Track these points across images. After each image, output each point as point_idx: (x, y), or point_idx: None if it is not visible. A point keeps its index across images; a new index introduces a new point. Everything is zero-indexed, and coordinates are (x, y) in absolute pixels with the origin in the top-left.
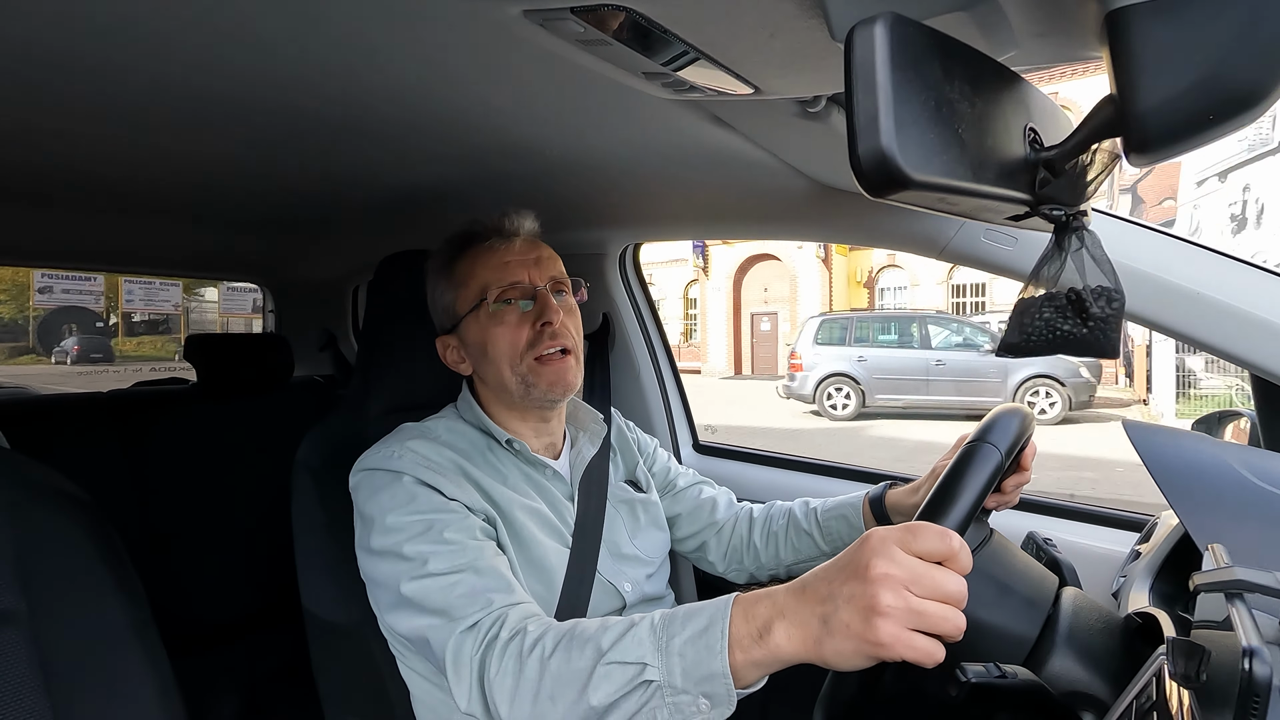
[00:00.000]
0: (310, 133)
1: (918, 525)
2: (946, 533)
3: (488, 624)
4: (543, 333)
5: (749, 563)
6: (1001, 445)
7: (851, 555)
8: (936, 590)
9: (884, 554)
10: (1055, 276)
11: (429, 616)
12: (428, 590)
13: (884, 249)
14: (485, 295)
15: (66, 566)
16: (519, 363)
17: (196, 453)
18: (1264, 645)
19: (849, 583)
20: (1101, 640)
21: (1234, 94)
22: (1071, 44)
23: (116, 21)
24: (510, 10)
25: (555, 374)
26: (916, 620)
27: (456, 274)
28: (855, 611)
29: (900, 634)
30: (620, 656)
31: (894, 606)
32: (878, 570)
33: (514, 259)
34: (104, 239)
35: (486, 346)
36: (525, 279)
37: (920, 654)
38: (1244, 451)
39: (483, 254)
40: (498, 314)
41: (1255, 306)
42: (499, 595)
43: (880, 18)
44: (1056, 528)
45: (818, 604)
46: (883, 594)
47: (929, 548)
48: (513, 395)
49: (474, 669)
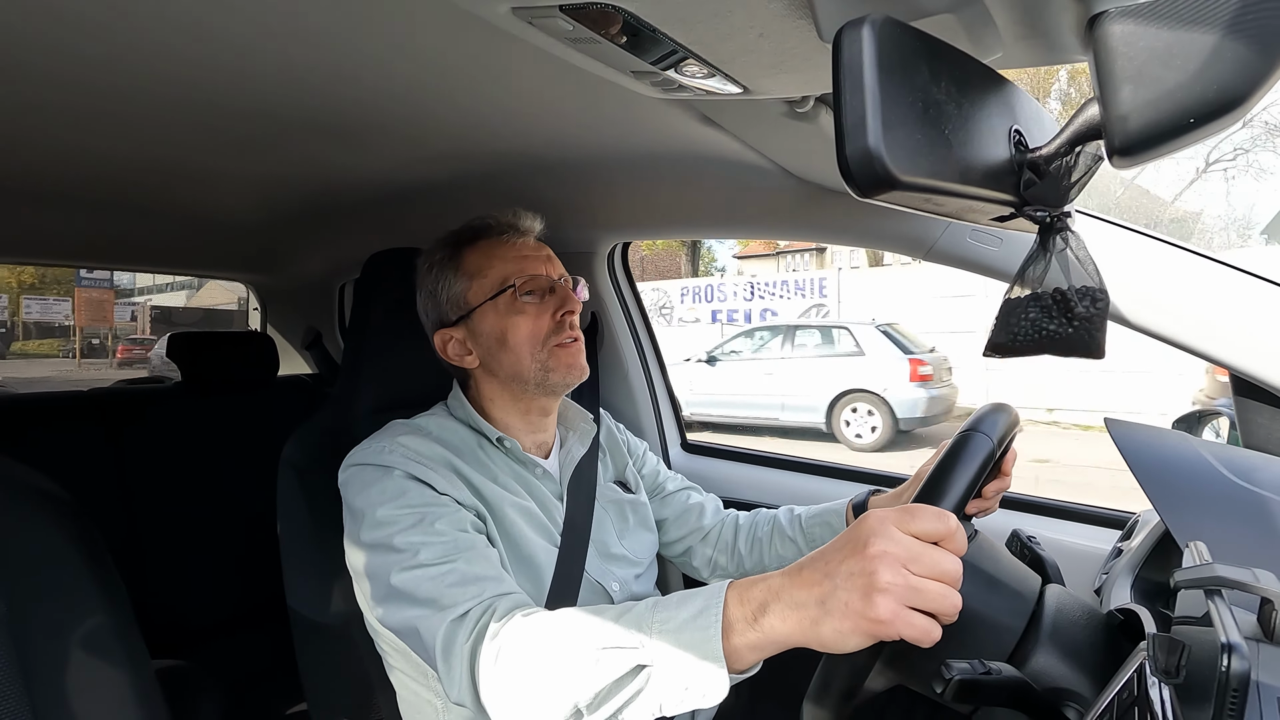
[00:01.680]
0: (297, 130)
1: (915, 506)
2: (943, 513)
3: (478, 613)
4: (563, 322)
5: (733, 569)
6: (993, 435)
7: (850, 535)
8: (934, 568)
9: (882, 533)
10: (1040, 277)
11: (419, 607)
12: (418, 580)
13: (871, 249)
14: (506, 284)
15: (47, 567)
16: (540, 349)
17: (180, 452)
18: (1242, 640)
19: (847, 561)
20: (1084, 636)
21: (1214, 97)
22: (1056, 47)
23: (100, 19)
24: (499, 8)
25: (572, 358)
26: (915, 598)
27: (467, 265)
28: (854, 589)
29: (900, 610)
30: (613, 642)
31: (893, 583)
32: (876, 548)
33: (530, 254)
34: (88, 235)
35: (506, 334)
36: (544, 272)
37: (918, 631)
38: (1223, 450)
39: (499, 246)
40: (520, 303)
41: (1233, 307)
42: (490, 585)
43: (868, 19)
44: (1040, 525)
45: (814, 585)
46: (882, 570)
47: (926, 528)
48: (528, 383)
49: (465, 659)
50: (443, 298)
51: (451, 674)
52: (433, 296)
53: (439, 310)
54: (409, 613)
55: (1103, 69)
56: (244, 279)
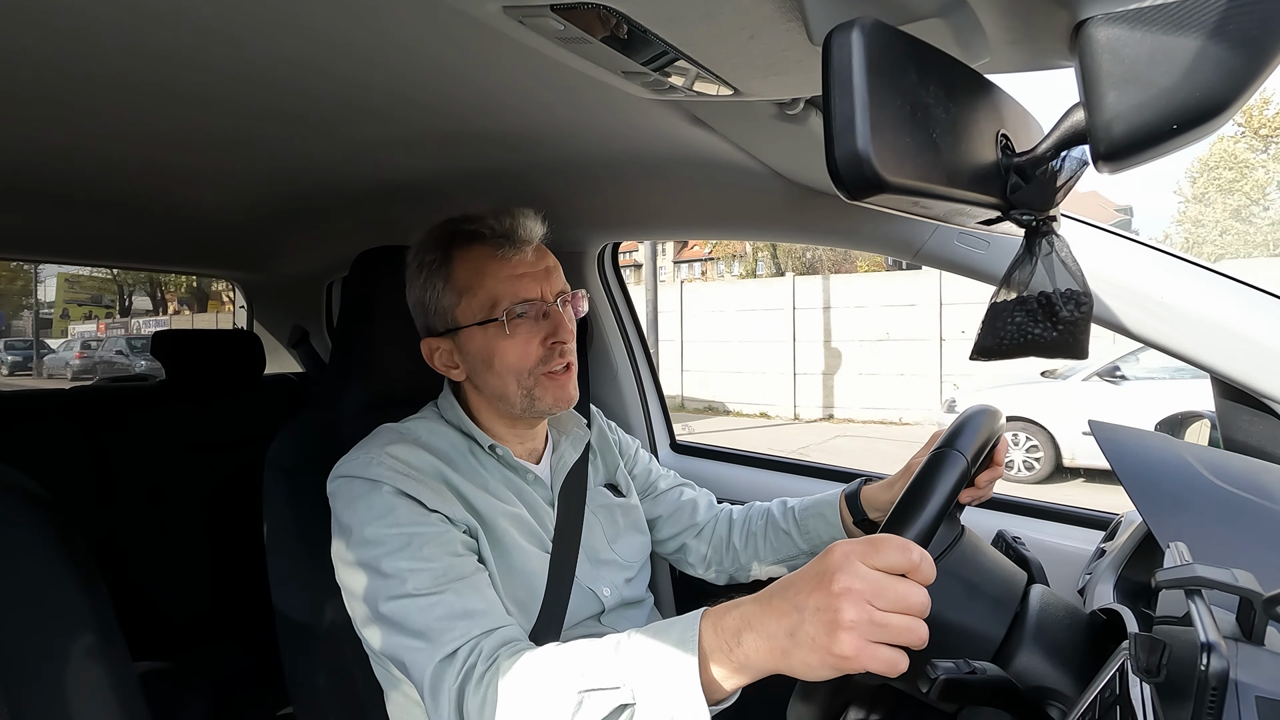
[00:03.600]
0: (286, 127)
1: (880, 538)
2: (908, 545)
3: (465, 653)
4: (554, 350)
5: (729, 564)
6: (968, 450)
7: (816, 568)
8: (899, 603)
9: (846, 568)
10: (1026, 280)
11: (408, 637)
12: (406, 610)
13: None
14: (495, 310)
15: (27, 567)
16: (526, 377)
17: (164, 451)
18: (1221, 640)
19: (813, 595)
20: (1067, 636)
21: (1198, 104)
22: (1043, 52)
23: (84, 12)
24: (489, 6)
25: (560, 388)
26: (879, 633)
27: (457, 278)
28: (820, 625)
29: (864, 646)
30: (595, 684)
31: (857, 620)
32: (840, 585)
33: (526, 271)
34: (76, 232)
35: (493, 360)
36: (539, 294)
37: (884, 665)
38: (1204, 452)
39: (492, 262)
40: (510, 326)
41: (1216, 311)
42: (478, 621)
43: (858, 22)
44: (1025, 526)
45: (785, 616)
46: (845, 608)
47: (891, 561)
48: (513, 407)
49: (452, 700)
50: (431, 307)
51: (440, 712)
52: (421, 302)
53: (427, 318)
54: (398, 641)
55: (1088, 74)
56: (231, 276)
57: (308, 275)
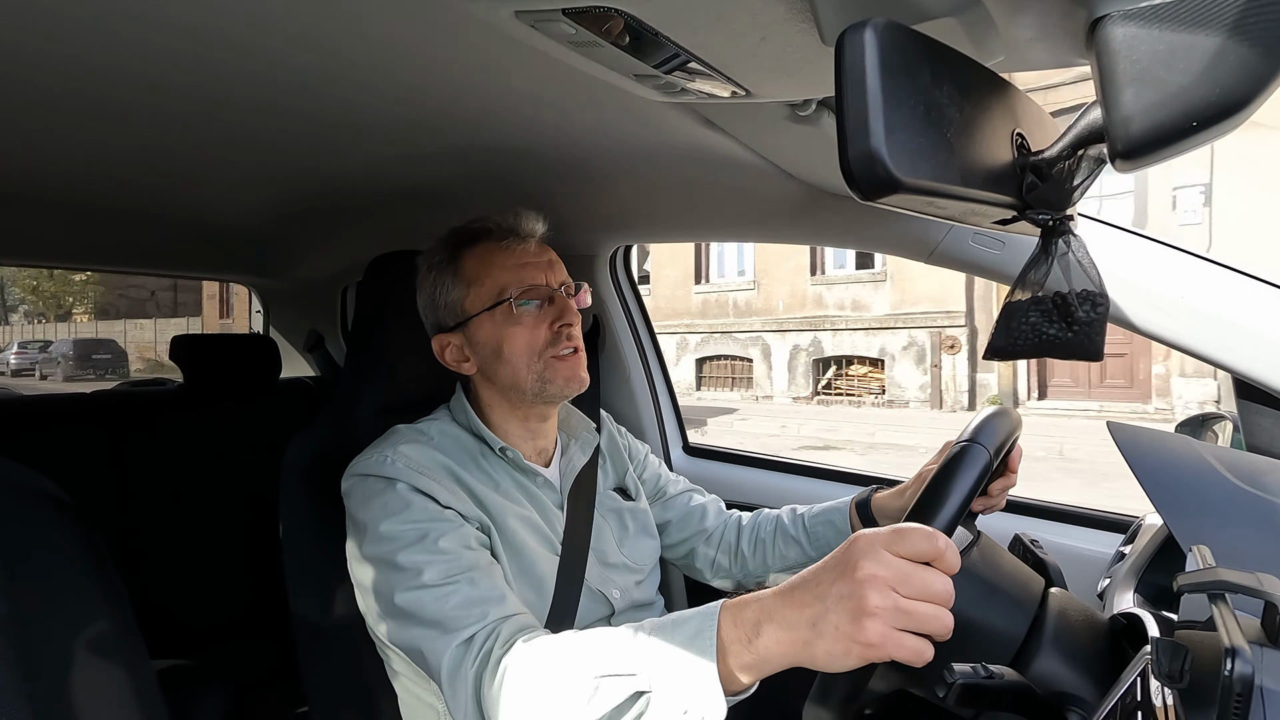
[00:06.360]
0: (300, 133)
1: (905, 526)
2: (933, 533)
3: (482, 638)
4: (560, 333)
5: (737, 570)
6: (990, 446)
7: (839, 557)
8: (924, 590)
9: (871, 555)
10: (1042, 280)
11: (424, 627)
12: (422, 601)
13: (872, 252)
14: (503, 295)
15: (49, 570)
16: (536, 360)
17: (182, 454)
18: (1246, 645)
19: (837, 583)
20: (1087, 641)
21: (1218, 100)
22: (1058, 50)
23: (103, 21)
24: (502, 11)
25: (570, 370)
26: (904, 620)
27: (465, 271)
28: (844, 613)
29: (889, 634)
30: (612, 670)
31: (882, 607)
32: (865, 571)
33: (530, 261)
34: (90, 238)
35: (502, 346)
36: (544, 281)
37: (909, 653)
38: (1226, 454)
39: (498, 253)
40: (517, 314)
41: (1236, 311)
42: (493, 607)
43: (870, 23)
44: (1043, 529)
45: (806, 606)
46: (870, 595)
47: (916, 548)
48: (525, 394)
49: (470, 685)
50: (440, 303)
51: (457, 698)
52: (431, 300)
53: (437, 315)
54: (414, 632)
55: (1105, 72)
56: (246, 282)
57: (323, 280)
